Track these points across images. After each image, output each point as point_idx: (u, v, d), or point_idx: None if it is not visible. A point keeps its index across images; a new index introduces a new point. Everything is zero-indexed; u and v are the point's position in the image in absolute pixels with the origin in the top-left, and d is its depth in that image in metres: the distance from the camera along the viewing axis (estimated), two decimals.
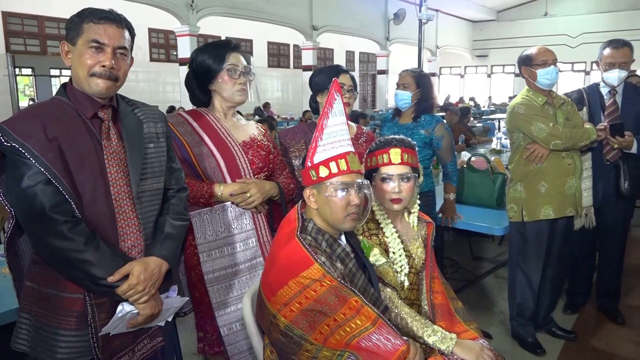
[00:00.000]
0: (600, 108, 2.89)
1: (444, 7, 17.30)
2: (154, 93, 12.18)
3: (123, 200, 1.42)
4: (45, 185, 1.29)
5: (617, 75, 2.79)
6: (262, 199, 1.86)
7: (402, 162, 1.71)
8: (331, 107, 1.49)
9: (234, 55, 1.89)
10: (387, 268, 1.68)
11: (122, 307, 1.39)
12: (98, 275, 1.33)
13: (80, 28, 1.38)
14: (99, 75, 1.37)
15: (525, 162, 2.66)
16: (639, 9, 16.66)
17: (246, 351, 1.87)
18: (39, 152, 1.29)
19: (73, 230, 1.31)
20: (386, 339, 1.40)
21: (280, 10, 11.76)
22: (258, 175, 1.92)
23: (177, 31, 10.12)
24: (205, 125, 1.90)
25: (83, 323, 1.38)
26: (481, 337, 1.66)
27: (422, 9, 7.56)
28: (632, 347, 2.85)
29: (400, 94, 2.74)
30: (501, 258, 4.30)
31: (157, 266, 1.45)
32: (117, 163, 1.42)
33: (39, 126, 1.31)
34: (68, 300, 1.38)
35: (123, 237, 1.42)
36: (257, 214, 1.91)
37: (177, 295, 1.56)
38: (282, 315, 1.36)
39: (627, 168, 2.82)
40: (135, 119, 1.51)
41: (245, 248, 1.89)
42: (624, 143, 2.72)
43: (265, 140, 2.01)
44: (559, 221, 2.71)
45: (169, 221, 1.55)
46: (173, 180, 1.61)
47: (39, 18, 10.46)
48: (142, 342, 1.53)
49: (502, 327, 3.07)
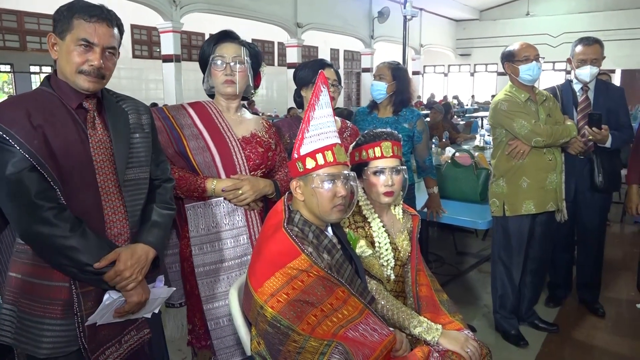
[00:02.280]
0: (573, 104, 2.96)
1: (427, 6, 17.39)
2: (137, 90, 12.02)
3: (109, 189, 1.42)
4: (30, 172, 1.28)
5: (589, 71, 2.86)
6: (254, 196, 1.83)
7: (393, 155, 1.73)
8: (317, 99, 1.49)
9: (224, 46, 1.86)
10: (373, 260, 1.70)
11: (108, 295, 1.39)
12: (84, 261, 1.32)
13: (70, 23, 1.36)
14: (87, 74, 1.37)
15: (507, 157, 2.70)
16: (617, 10, 16.99)
17: (232, 347, 1.86)
18: (24, 138, 1.28)
19: (58, 216, 1.30)
20: (373, 329, 1.41)
21: (264, 7, 11.71)
22: (254, 172, 1.88)
23: (160, 27, 10.00)
24: (206, 118, 1.87)
25: (69, 312, 1.37)
26: (466, 328, 1.68)
27: (406, 6, 7.60)
28: (612, 338, 2.91)
29: (376, 85, 2.73)
30: (485, 253, 4.35)
31: (144, 253, 1.45)
32: (103, 152, 1.42)
33: (23, 114, 1.30)
34: (54, 289, 1.37)
35: (109, 225, 1.42)
36: (250, 211, 1.89)
37: (164, 286, 1.55)
38: (269, 306, 1.36)
39: (600, 162, 2.88)
40: (120, 109, 1.51)
41: (236, 245, 1.87)
42: (599, 136, 2.75)
43: (267, 136, 1.96)
44: (540, 216, 2.75)
45: (156, 209, 1.55)
46: (159, 171, 1.61)
47: (19, 13, 10.25)
48: (129, 334, 1.52)
49: (486, 320, 3.11)
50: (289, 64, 13.25)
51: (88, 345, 1.39)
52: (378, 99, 2.76)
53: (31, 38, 10.36)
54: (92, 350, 1.41)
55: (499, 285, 2.85)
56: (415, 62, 18.28)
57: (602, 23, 16.67)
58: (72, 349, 1.39)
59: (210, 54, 1.86)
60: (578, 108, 2.95)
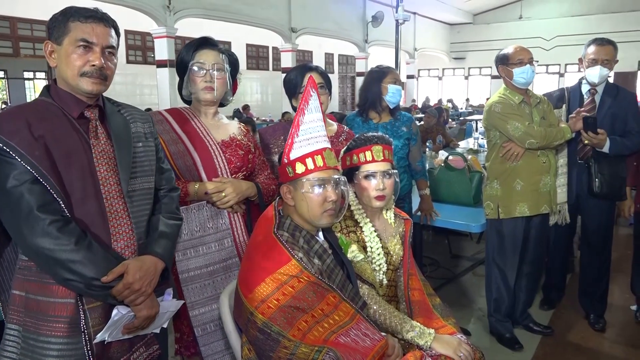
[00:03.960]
0: (579, 106, 2.87)
1: (421, 10, 17.47)
2: (131, 95, 12.00)
3: (114, 199, 1.37)
4: (32, 184, 1.24)
5: (599, 72, 2.76)
6: (237, 198, 1.83)
7: (384, 158, 1.73)
8: (307, 103, 1.49)
9: (203, 53, 1.86)
10: (365, 265, 1.69)
11: (117, 311, 1.33)
12: (91, 275, 1.27)
13: (65, 27, 1.34)
14: (89, 75, 1.34)
15: (502, 160, 2.69)
16: (610, 13, 17.14)
17: (221, 352, 1.85)
18: (25, 150, 1.24)
19: (62, 229, 1.25)
20: (364, 335, 1.40)
21: (258, 12, 11.72)
22: (236, 174, 1.89)
23: (154, 33, 9.99)
24: (184, 123, 1.87)
25: (75, 330, 1.31)
26: (459, 332, 1.67)
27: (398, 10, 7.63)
28: (606, 341, 2.91)
29: (398, 89, 2.64)
30: (479, 256, 4.35)
31: (153, 264, 1.39)
32: (107, 162, 1.38)
33: (24, 124, 1.27)
34: (58, 306, 1.31)
35: (116, 237, 1.37)
36: (233, 214, 1.89)
37: (172, 299, 1.50)
38: (259, 312, 1.35)
39: (597, 167, 2.79)
40: (122, 118, 1.48)
41: (221, 248, 1.86)
42: (595, 140, 2.70)
43: (246, 139, 1.97)
44: (535, 218, 2.75)
45: (162, 220, 1.50)
46: (164, 181, 1.57)
47: (12, 19, 10.20)
48: (138, 351, 1.47)
49: (481, 324, 3.10)
50: (283, 69, 13.26)
51: None
52: (395, 104, 2.69)
53: (24, 44, 10.31)
54: None
55: (493, 288, 2.85)
56: (409, 65, 18.34)
57: (595, 26, 16.77)
58: None
59: (190, 60, 1.85)
60: (582, 110, 2.83)
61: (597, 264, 3.00)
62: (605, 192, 2.79)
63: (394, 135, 2.64)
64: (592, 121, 2.69)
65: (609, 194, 2.81)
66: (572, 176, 2.89)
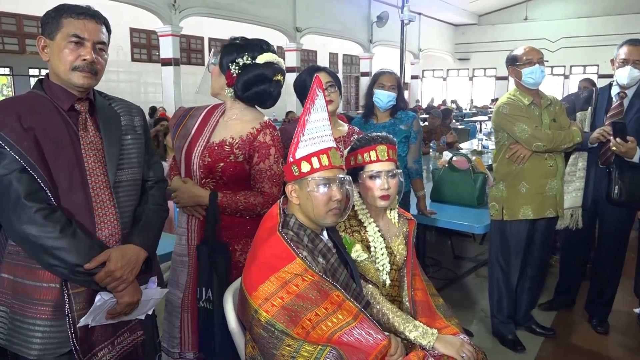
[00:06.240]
0: (605, 110, 2.78)
1: (426, 11, 17.46)
2: (136, 93, 12.03)
3: (100, 190, 1.42)
4: (20, 174, 1.30)
5: (628, 72, 2.64)
6: (188, 203, 1.83)
7: (388, 158, 1.73)
8: (313, 102, 1.49)
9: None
10: (368, 264, 1.69)
11: (100, 296, 1.39)
12: (74, 262, 1.32)
13: (58, 22, 1.39)
14: (80, 69, 1.39)
15: (508, 161, 2.68)
16: (615, 15, 17.08)
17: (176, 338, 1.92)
18: (14, 140, 1.30)
19: (48, 217, 1.31)
20: (368, 334, 1.40)
21: (263, 11, 11.74)
22: (205, 180, 1.84)
23: (159, 31, 10.02)
24: (205, 121, 1.92)
25: (59, 313, 1.37)
26: (462, 332, 1.68)
27: (404, 10, 7.63)
28: (609, 343, 2.90)
29: (388, 95, 2.70)
30: (482, 257, 4.34)
31: (135, 253, 1.45)
32: (95, 153, 1.43)
33: (14, 116, 1.32)
34: (44, 290, 1.37)
35: (100, 226, 1.42)
36: (191, 217, 1.89)
37: (157, 287, 1.55)
38: (263, 310, 1.35)
39: (618, 174, 2.67)
40: (112, 111, 1.53)
41: (179, 243, 1.94)
42: (623, 148, 2.56)
43: (237, 149, 1.80)
44: (540, 221, 2.73)
45: (148, 210, 1.56)
46: (151, 172, 1.62)
47: (17, 16, 10.26)
48: (122, 336, 1.53)
49: (483, 325, 3.10)
50: (288, 68, 13.15)
51: (80, 347, 1.39)
52: (385, 108, 2.74)
53: (30, 41, 10.37)
54: (85, 352, 1.41)
55: (496, 289, 2.84)
56: (414, 66, 18.33)
57: (600, 28, 16.77)
58: (64, 350, 1.38)
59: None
60: (608, 114, 2.77)
61: (608, 269, 2.95)
62: (624, 199, 2.68)
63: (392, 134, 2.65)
64: (621, 126, 2.56)
65: (627, 202, 2.70)
66: (589, 180, 2.83)
